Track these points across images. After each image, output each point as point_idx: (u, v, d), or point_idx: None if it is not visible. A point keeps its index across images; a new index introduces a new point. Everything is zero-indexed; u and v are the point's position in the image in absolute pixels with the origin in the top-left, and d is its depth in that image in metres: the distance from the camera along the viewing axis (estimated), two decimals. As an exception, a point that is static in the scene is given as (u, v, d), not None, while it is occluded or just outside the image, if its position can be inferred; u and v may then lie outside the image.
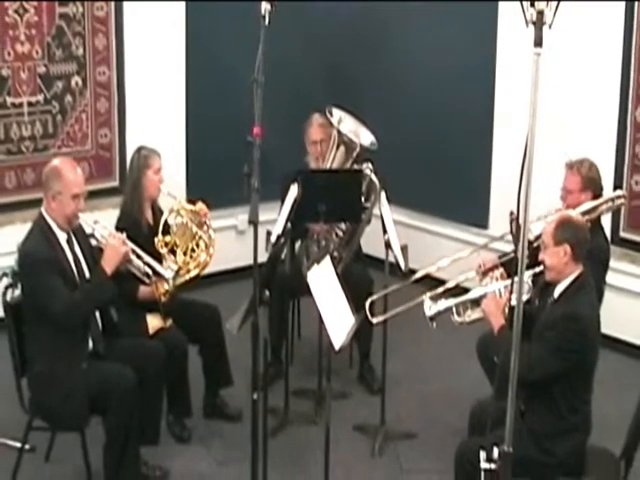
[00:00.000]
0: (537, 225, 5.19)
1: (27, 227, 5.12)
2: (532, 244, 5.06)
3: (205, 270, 5.78)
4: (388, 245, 5.79)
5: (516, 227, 4.98)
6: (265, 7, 4.40)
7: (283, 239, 5.52)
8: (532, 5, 3.20)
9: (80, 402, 4.90)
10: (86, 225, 5.22)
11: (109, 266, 5.05)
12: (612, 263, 5.77)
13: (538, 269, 4.72)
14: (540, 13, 3.20)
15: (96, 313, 5.18)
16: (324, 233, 6.25)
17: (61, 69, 7.24)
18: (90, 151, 7.44)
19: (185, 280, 5.65)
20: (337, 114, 6.29)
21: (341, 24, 8.48)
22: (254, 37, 4.38)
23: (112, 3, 7.36)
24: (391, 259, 5.81)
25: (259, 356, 4.42)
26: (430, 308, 5.23)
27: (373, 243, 6.52)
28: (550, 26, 3.22)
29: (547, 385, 4.47)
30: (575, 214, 4.87)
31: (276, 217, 5.68)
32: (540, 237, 4.80)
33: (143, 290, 5.59)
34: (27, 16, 7.00)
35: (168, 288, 5.45)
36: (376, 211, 5.99)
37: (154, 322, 5.64)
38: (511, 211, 5.35)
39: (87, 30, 7.29)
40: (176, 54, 7.77)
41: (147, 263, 5.37)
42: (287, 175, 5.74)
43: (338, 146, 6.30)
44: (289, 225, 5.57)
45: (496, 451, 3.51)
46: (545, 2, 3.19)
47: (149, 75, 7.64)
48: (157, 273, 5.41)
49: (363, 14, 8.41)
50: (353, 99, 7.17)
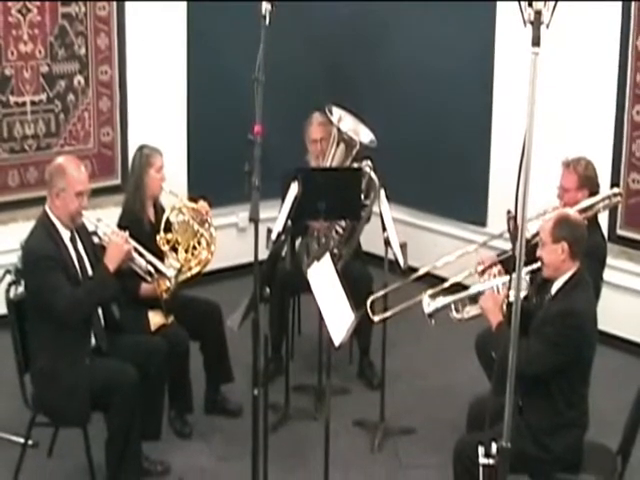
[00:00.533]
0: (534, 223, 5.19)
1: (30, 225, 5.12)
2: (529, 242, 5.06)
3: (206, 267, 5.78)
4: (387, 242, 5.79)
5: (514, 225, 4.99)
6: (265, 7, 4.40)
7: (283, 236, 5.52)
8: (530, 5, 3.20)
9: (82, 398, 4.91)
10: (89, 223, 5.22)
11: (112, 264, 5.05)
12: (609, 260, 5.77)
13: (536, 266, 4.72)
14: (538, 13, 3.20)
15: (99, 310, 5.18)
16: (324, 230, 6.25)
17: (64, 68, 7.24)
18: (92, 149, 7.44)
19: (186, 277, 5.65)
20: (337, 113, 6.29)
21: (341, 24, 8.48)
22: (255, 37, 4.37)
23: (114, 3, 7.37)
24: (390, 256, 5.81)
25: (260, 352, 4.42)
26: (428, 305, 5.23)
27: (372, 240, 6.52)
28: (548, 26, 3.22)
29: (545, 381, 4.47)
30: (572, 212, 4.88)
31: (277, 215, 5.68)
32: (537, 235, 4.80)
33: (145, 287, 5.58)
34: (30, 16, 7.00)
35: (170, 285, 5.45)
36: (375, 209, 6.00)
37: (156, 319, 5.64)
38: (508, 210, 5.35)
39: (89, 30, 7.29)
40: (177, 53, 7.78)
41: (149, 261, 5.37)
42: (287, 173, 5.74)
43: (338, 144, 6.30)
44: (289, 223, 5.57)
45: (494, 446, 3.52)
46: (543, 2, 3.19)
47: (151, 74, 7.64)
48: (159, 271, 5.41)
49: (363, 14, 8.41)
50: (353, 98, 7.17)
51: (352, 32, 8.49)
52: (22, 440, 5.13)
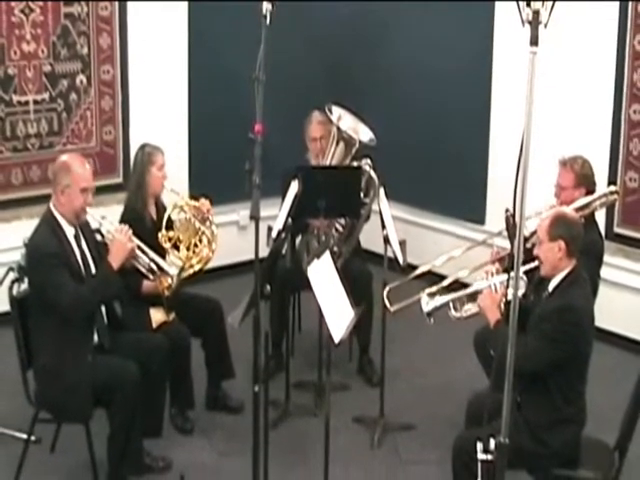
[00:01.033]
0: (532, 221, 5.18)
1: (33, 223, 5.12)
2: (527, 240, 5.06)
3: (207, 265, 5.78)
4: (387, 240, 5.79)
5: (512, 223, 4.99)
6: (266, 7, 4.39)
7: (284, 234, 5.51)
8: (528, 5, 3.20)
9: (85, 394, 4.91)
10: (93, 220, 5.22)
11: (116, 261, 5.06)
12: (606, 258, 5.77)
13: (533, 265, 4.72)
14: (536, 13, 3.19)
15: (102, 307, 5.18)
16: (324, 228, 6.24)
17: (66, 68, 7.23)
18: (95, 148, 7.43)
19: (188, 275, 5.65)
20: (337, 111, 6.28)
21: (341, 24, 8.47)
22: (255, 36, 4.37)
23: (116, 3, 7.36)
24: (390, 254, 5.82)
25: (260, 349, 4.41)
26: (427, 304, 5.23)
27: (372, 238, 6.53)
28: (546, 25, 3.22)
29: (543, 377, 4.47)
30: (569, 210, 4.87)
31: (277, 213, 5.68)
32: (534, 233, 4.80)
33: (146, 285, 5.58)
34: (33, 16, 6.99)
35: (171, 283, 5.44)
36: (375, 207, 5.99)
37: (157, 316, 5.64)
38: (506, 208, 5.35)
39: (92, 29, 7.28)
40: (179, 53, 7.77)
41: (152, 259, 5.37)
42: (288, 171, 5.74)
43: (338, 143, 6.29)
44: (290, 220, 5.57)
45: (493, 442, 3.51)
46: (541, 2, 3.18)
47: (152, 73, 7.63)
48: (161, 269, 5.40)
49: (363, 14, 8.40)
50: (352, 97, 7.16)
51: (352, 32, 8.48)
52: (25, 436, 5.13)
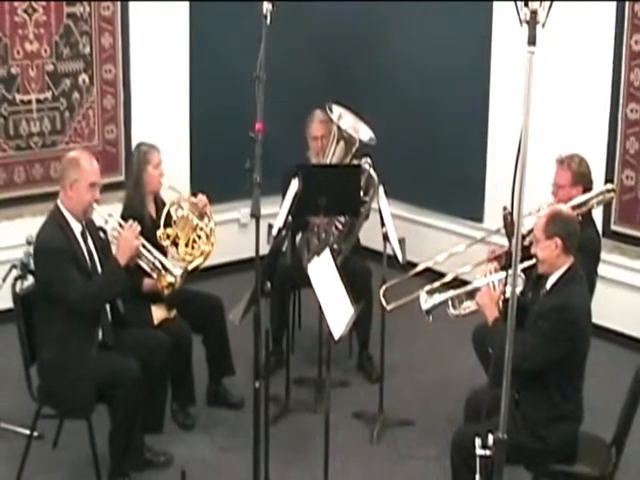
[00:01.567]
0: (529, 219, 5.17)
1: (36, 220, 5.13)
2: (524, 238, 5.05)
3: (208, 260, 5.77)
4: (386, 238, 5.79)
5: (510, 221, 4.98)
6: (267, 7, 4.39)
7: (284, 232, 5.52)
8: (526, 5, 3.20)
9: (87, 390, 4.91)
10: (100, 217, 5.22)
11: (123, 258, 5.07)
12: (603, 255, 5.76)
13: (530, 262, 4.71)
14: (534, 13, 3.19)
15: (107, 304, 5.18)
16: (324, 226, 6.24)
17: (69, 67, 7.23)
18: (97, 147, 7.42)
19: (188, 270, 5.64)
20: (337, 110, 6.28)
21: (341, 24, 8.47)
22: (256, 36, 4.36)
23: (118, 3, 7.35)
24: (389, 251, 5.82)
25: (261, 346, 4.41)
26: (426, 302, 5.23)
27: (372, 236, 6.53)
28: (543, 25, 3.21)
29: (540, 374, 4.46)
30: (565, 208, 4.87)
31: (277, 211, 5.68)
32: (532, 231, 4.80)
33: (147, 282, 5.57)
34: (36, 15, 6.99)
35: (173, 282, 5.42)
36: (374, 205, 5.98)
37: (159, 313, 5.63)
38: (504, 206, 5.34)
39: (94, 29, 7.28)
40: (180, 52, 7.76)
41: (157, 258, 5.36)
42: (288, 170, 5.74)
43: (338, 141, 6.29)
44: (290, 218, 5.57)
45: (491, 438, 3.51)
46: (538, 2, 3.18)
47: (154, 73, 7.63)
48: (166, 269, 5.39)
49: (363, 14, 8.40)
50: (352, 96, 7.15)
51: (352, 32, 8.47)
52: (28, 432, 5.13)
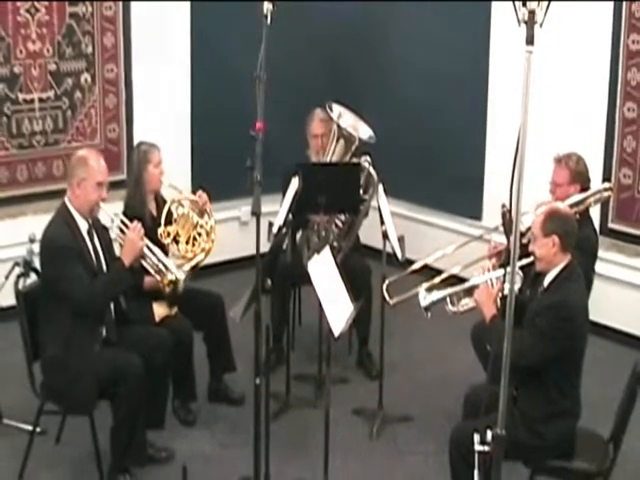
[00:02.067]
0: (527, 217, 5.17)
1: (38, 219, 5.13)
2: (523, 236, 5.05)
3: (208, 257, 5.78)
4: (385, 236, 5.79)
5: (509, 219, 4.98)
6: (267, 7, 4.40)
7: (284, 230, 5.52)
8: (524, 5, 3.19)
9: (89, 386, 4.91)
10: (107, 216, 5.22)
11: (127, 258, 5.08)
12: (601, 253, 5.77)
13: (528, 260, 4.71)
14: (532, 12, 3.18)
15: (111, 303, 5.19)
16: (324, 224, 6.23)
17: (71, 66, 7.23)
18: (99, 145, 7.41)
19: (189, 267, 5.64)
20: (337, 109, 6.27)
21: (341, 24, 8.46)
22: (256, 36, 4.36)
23: (120, 3, 7.35)
24: (388, 249, 5.82)
25: (261, 342, 4.42)
26: (424, 299, 5.23)
27: (371, 234, 6.52)
28: (541, 25, 3.21)
29: (538, 371, 4.47)
30: (563, 206, 4.87)
31: (278, 209, 5.68)
32: (530, 229, 4.80)
33: (148, 280, 5.57)
34: (38, 15, 6.98)
35: (173, 279, 5.41)
36: (374, 203, 5.98)
37: (160, 310, 5.63)
38: (503, 204, 5.34)
39: (96, 29, 7.28)
40: (181, 52, 7.76)
41: (161, 260, 5.36)
42: (288, 168, 5.74)
43: (338, 140, 6.29)
44: (290, 216, 5.57)
45: (489, 434, 3.51)
46: (536, 2, 3.18)
47: (155, 72, 7.62)
48: (170, 271, 5.38)
49: (363, 14, 8.39)
50: (352, 95, 7.15)
51: (352, 32, 8.47)
52: (31, 428, 5.14)
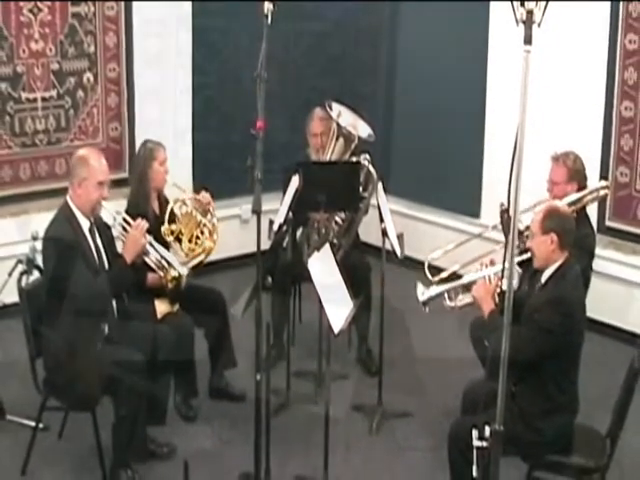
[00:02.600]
0: (526, 216, 5.18)
1: (41, 217, 5.13)
2: (521, 234, 5.05)
3: (210, 256, 5.78)
4: (385, 233, 5.79)
5: (507, 218, 4.98)
6: (268, 7, 4.39)
7: (285, 228, 5.51)
8: (522, 5, 3.19)
9: (92, 383, 4.90)
10: (108, 214, 5.22)
11: (129, 256, 5.09)
12: (598, 251, 5.77)
13: (526, 256, 4.72)
14: (530, 12, 3.19)
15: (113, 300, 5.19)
16: (324, 222, 6.23)
17: (73, 66, 7.22)
18: (101, 144, 7.42)
19: (191, 266, 5.65)
20: (336, 108, 6.27)
21: (341, 24, 8.46)
22: (257, 35, 4.36)
23: (122, 3, 7.35)
24: (388, 247, 5.82)
25: (262, 339, 4.42)
26: (423, 294, 5.24)
27: (371, 231, 6.52)
28: (539, 25, 3.21)
29: (536, 367, 4.47)
30: (561, 205, 4.87)
31: (278, 207, 5.68)
32: (529, 227, 4.80)
33: (150, 277, 5.57)
34: (41, 15, 6.98)
35: (176, 275, 5.41)
36: (373, 201, 5.98)
37: (162, 307, 5.63)
38: (501, 203, 5.34)
39: (98, 29, 7.28)
40: (183, 51, 7.75)
41: (163, 257, 5.36)
42: (289, 167, 5.73)
43: (337, 138, 6.28)
44: (291, 214, 5.57)
45: (487, 430, 3.51)
46: (534, 2, 3.18)
47: (157, 71, 7.62)
48: (173, 267, 5.39)
49: (363, 14, 8.39)
50: (352, 94, 7.16)
51: (352, 32, 8.46)
52: (33, 423, 5.14)
